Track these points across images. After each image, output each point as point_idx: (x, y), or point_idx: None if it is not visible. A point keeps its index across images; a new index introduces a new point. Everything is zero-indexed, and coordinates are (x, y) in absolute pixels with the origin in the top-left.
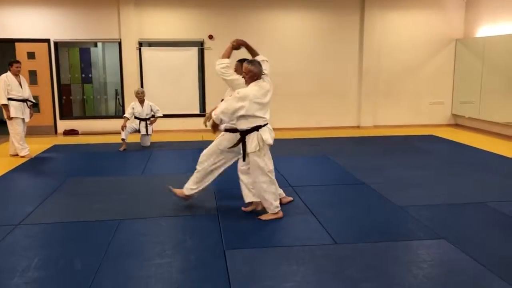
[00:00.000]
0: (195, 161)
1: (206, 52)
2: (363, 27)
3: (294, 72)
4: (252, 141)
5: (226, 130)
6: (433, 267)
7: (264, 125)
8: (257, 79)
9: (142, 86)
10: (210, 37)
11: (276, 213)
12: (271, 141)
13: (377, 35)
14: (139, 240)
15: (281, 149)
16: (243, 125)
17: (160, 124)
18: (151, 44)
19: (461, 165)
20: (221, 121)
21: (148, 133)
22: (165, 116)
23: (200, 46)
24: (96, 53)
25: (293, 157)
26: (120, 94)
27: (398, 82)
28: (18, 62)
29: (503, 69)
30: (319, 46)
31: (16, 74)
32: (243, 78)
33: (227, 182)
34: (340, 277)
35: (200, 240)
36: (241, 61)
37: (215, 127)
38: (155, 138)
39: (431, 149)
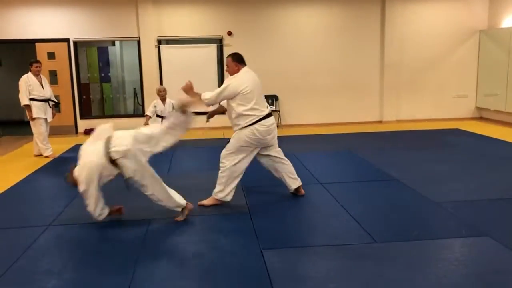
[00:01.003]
0: (218, 158)
1: (225, 49)
2: (384, 20)
3: (315, 67)
4: None
5: None
6: (479, 265)
7: None
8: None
9: (161, 84)
10: (229, 33)
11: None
12: None
13: (399, 27)
14: (172, 240)
15: (303, 145)
16: None
17: None
18: (170, 41)
19: (492, 159)
20: None
21: None
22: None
23: (219, 42)
24: (114, 52)
25: (316, 152)
26: (139, 93)
27: (420, 75)
28: (38, 62)
29: None
30: (339, 40)
31: (36, 74)
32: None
33: (255, 180)
34: (384, 277)
35: (235, 240)
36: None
37: None
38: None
39: (458, 143)
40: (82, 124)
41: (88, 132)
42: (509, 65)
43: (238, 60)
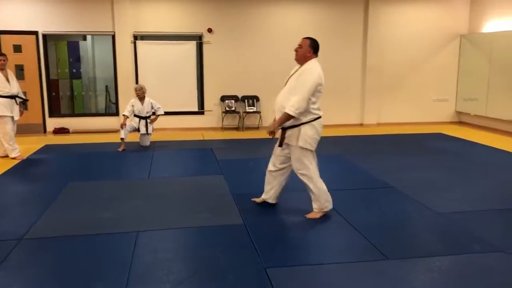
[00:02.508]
0: (201, 161)
1: (205, 46)
2: (367, 22)
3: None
4: None
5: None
6: (503, 285)
7: None
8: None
9: (137, 82)
10: (209, 30)
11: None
12: None
13: (381, 31)
14: (165, 257)
15: None
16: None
17: (156, 122)
18: (147, 37)
19: (481, 166)
20: None
21: (148, 132)
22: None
23: (199, 40)
24: (85, 47)
25: None
26: (112, 90)
27: (401, 79)
28: (3, 55)
29: (510, 65)
30: (322, 41)
31: (1, 69)
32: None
33: (246, 187)
34: None
35: (234, 256)
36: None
37: None
38: (153, 137)
39: (444, 148)
40: (51, 123)
41: (57, 131)
42: (490, 70)
43: (315, 47)
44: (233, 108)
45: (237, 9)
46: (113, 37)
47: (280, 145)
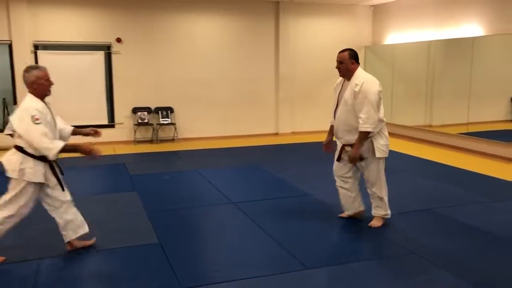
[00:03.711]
0: (112, 177)
1: (114, 57)
2: (278, 33)
3: (211, 79)
4: None
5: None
6: (417, 284)
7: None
8: None
9: None
10: (118, 40)
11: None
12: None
13: (292, 42)
14: (70, 283)
15: (205, 160)
16: None
17: None
18: (49, 47)
19: (390, 171)
20: None
21: None
22: None
23: (107, 50)
24: None
25: (221, 168)
26: (10, 104)
27: (313, 88)
28: None
29: (410, 74)
30: (235, 51)
31: None
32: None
33: (158, 200)
34: None
35: (150, 278)
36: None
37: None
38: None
39: None
40: None
41: None
42: (393, 79)
43: (356, 57)
44: (146, 120)
45: (147, 18)
46: (10, 46)
47: (339, 160)
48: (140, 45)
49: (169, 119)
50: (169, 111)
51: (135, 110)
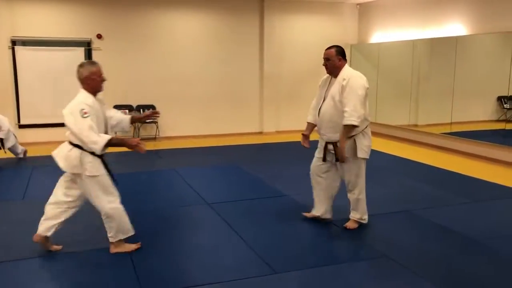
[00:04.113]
0: None
1: (94, 53)
2: (263, 31)
3: (194, 76)
4: None
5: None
6: None
7: None
8: None
9: (17, 91)
10: (99, 36)
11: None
12: None
13: (277, 39)
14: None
15: (184, 159)
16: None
17: (41, 135)
18: (28, 43)
19: (372, 170)
20: None
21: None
22: (48, 125)
23: (87, 46)
24: None
25: (200, 167)
26: None
27: (298, 87)
28: None
29: (395, 73)
30: (219, 49)
31: None
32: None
33: (128, 201)
34: None
35: (109, 286)
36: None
37: None
38: (35, 152)
39: None
40: None
41: None
42: (378, 77)
43: (343, 54)
44: None
45: (129, 14)
46: None
47: (324, 160)
48: (121, 42)
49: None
50: (151, 109)
51: (116, 108)
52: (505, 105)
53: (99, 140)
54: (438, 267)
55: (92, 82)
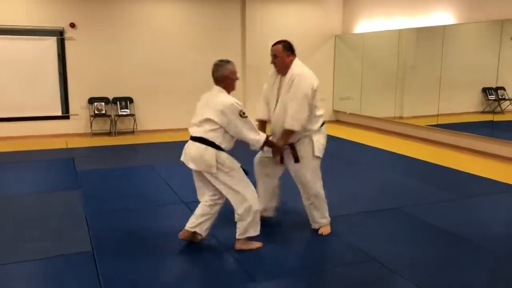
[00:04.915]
0: (55, 174)
1: (67, 43)
2: (244, 20)
3: (173, 67)
4: None
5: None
6: None
7: None
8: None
9: None
10: (72, 25)
11: None
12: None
13: (259, 29)
14: None
15: (162, 154)
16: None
17: (12, 130)
18: None
19: (355, 165)
20: None
21: None
22: (18, 119)
23: (60, 35)
24: None
25: (177, 164)
26: None
27: None
28: None
29: (380, 64)
30: (199, 39)
31: None
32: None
33: (101, 202)
34: None
35: None
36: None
37: None
38: (4, 147)
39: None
40: None
41: None
42: (363, 69)
43: (291, 49)
44: (103, 111)
45: (105, 1)
46: None
47: (282, 162)
48: (96, 31)
49: (128, 110)
50: (128, 102)
51: (91, 101)
52: (489, 97)
53: (260, 139)
54: (431, 271)
55: (231, 82)
